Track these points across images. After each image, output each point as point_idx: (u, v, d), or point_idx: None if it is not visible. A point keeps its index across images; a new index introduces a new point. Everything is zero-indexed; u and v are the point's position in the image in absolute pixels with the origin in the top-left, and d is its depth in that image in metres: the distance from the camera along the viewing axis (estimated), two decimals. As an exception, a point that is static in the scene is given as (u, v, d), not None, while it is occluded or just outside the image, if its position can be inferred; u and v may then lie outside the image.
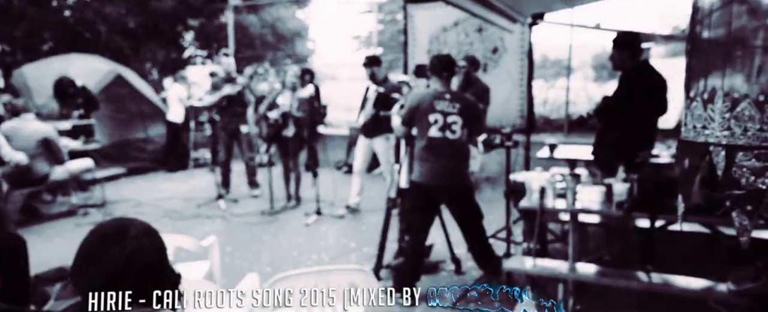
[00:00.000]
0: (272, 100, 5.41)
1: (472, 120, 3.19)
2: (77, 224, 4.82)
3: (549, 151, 4.53)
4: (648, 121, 3.31)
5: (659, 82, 3.28)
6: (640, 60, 3.40)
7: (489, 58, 6.85)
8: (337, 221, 4.98)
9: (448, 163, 3.18)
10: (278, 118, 5.31)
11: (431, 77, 3.24)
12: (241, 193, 6.06)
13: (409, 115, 3.22)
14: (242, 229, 4.76)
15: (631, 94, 3.21)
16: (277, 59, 8.65)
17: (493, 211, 5.24)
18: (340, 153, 7.77)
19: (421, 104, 3.16)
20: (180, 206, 5.57)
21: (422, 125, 3.18)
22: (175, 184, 6.77)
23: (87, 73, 6.68)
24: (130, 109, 7.38)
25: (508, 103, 6.76)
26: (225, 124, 5.86)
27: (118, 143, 7.20)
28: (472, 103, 3.25)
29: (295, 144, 5.44)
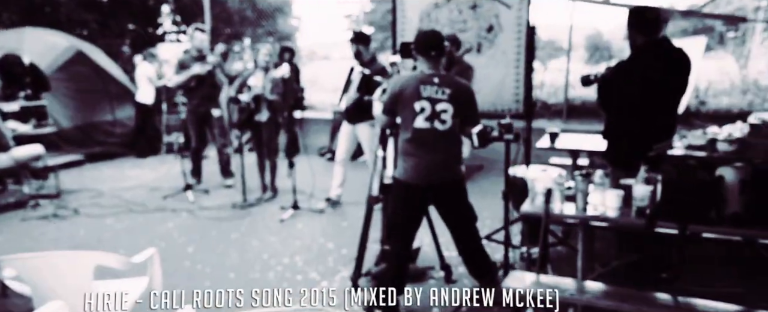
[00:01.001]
0: (243, 81, 4.89)
1: (465, 108, 2.72)
2: (23, 218, 4.32)
3: (550, 141, 4.08)
4: (665, 106, 2.86)
5: (678, 59, 2.83)
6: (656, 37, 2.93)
7: (483, 38, 6.35)
8: (315, 216, 4.52)
9: (437, 157, 2.72)
10: (250, 101, 4.80)
11: (417, 57, 2.75)
12: (213, 183, 5.57)
13: (391, 103, 2.75)
14: (209, 226, 4.29)
15: (643, 75, 2.75)
16: (257, 36, 8.06)
17: (486, 205, 4.82)
18: (323, 138, 7.27)
19: (405, 90, 2.68)
20: (144, 197, 5.07)
21: (406, 114, 2.70)
22: (143, 171, 6.26)
23: (42, 50, 6.11)
24: (96, 89, 6.81)
25: (504, 86, 6.28)
26: (194, 107, 5.34)
27: (81, 126, 6.65)
28: (464, 88, 2.77)
29: (270, 130, 4.94)
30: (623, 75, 2.84)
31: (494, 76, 6.48)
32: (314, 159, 6.93)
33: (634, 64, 2.85)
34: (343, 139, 4.68)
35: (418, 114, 2.68)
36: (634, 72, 2.81)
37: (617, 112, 2.90)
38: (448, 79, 2.73)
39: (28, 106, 5.06)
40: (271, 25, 8.19)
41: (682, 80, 2.85)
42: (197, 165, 5.55)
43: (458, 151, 2.81)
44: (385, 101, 2.80)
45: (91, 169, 6.33)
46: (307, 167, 5.20)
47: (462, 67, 4.85)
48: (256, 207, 4.76)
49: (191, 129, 5.45)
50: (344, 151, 4.68)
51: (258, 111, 4.86)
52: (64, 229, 4.14)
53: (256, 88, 4.79)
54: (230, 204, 4.81)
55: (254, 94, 4.78)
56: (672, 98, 2.88)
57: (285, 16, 8.89)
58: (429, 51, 2.69)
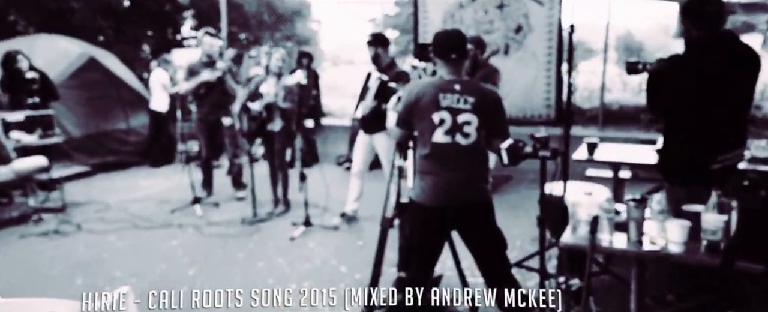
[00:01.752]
0: (254, 88, 4.60)
1: (492, 119, 2.35)
2: (22, 235, 4.09)
3: (588, 152, 3.66)
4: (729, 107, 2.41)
5: (743, 53, 2.39)
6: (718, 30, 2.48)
7: (511, 39, 5.94)
8: (328, 234, 4.19)
9: (459, 176, 2.35)
10: (262, 110, 4.50)
11: (436, 61, 2.39)
12: (225, 195, 5.30)
13: (406, 114, 2.39)
14: (215, 244, 3.99)
15: (700, 70, 2.33)
16: (275, 41, 7.81)
17: (516, 221, 4.41)
18: (341, 146, 6.95)
19: (421, 99, 2.32)
20: (152, 211, 4.82)
21: (423, 127, 2.34)
22: (155, 181, 6.04)
23: (54, 57, 5.96)
24: (109, 97, 6.64)
25: (533, 90, 5.87)
26: (204, 116, 5.08)
27: (94, 135, 6.48)
28: (491, 96, 2.39)
29: (283, 140, 4.63)
30: (677, 69, 2.41)
31: (523, 80, 6.07)
32: (331, 168, 6.62)
33: (690, 58, 2.43)
34: (359, 150, 4.34)
35: (436, 126, 2.31)
36: (689, 67, 2.38)
37: (671, 114, 2.46)
38: (471, 85, 2.36)
39: (34, 116, 4.87)
40: (289, 29, 7.92)
41: (748, 78, 2.41)
42: (207, 176, 5.29)
43: (484, 168, 2.43)
44: (399, 112, 2.44)
45: (102, 179, 6.14)
46: (323, 178, 4.88)
47: (487, 70, 4.46)
48: (266, 222, 4.46)
49: (201, 138, 5.19)
50: (360, 162, 4.34)
51: (270, 120, 4.56)
52: (63, 246, 3.90)
53: (268, 96, 4.49)
54: (240, 219, 4.51)
55: (266, 103, 4.48)
56: (737, 98, 2.44)
57: (304, 20, 8.63)
58: (449, 53, 2.33)
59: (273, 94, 4.47)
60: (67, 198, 5.21)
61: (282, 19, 7.93)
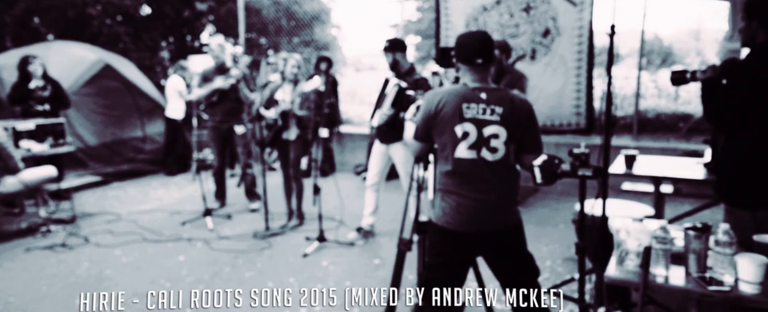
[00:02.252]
0: (270, 95, 4.40)
1: (523, 131, 2.08)
2: (28, 248, 3.95)
3: (625, 165, 3.35)
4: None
5: None
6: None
7: (538, 43, 5.64)
8: (343, 251, 3.94)
9: (486, 196, 2.08)
10: (276, 117, 4.29)
11: (459, 67, 2.14)
12: (239, 206, 5.11)
13: (425, 126, 2.14)
14: (223, 260, 3.78)
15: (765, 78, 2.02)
16: (293, 46, 7.63)
17: (545, 237, 4.10)
18: (360, 155, 6.72)
19: (442, 109, 2.07)
20: (162, 223, 4.65)
21: (445, 140, 2.08)
22: (169, 191, 5.89)
23: (69, 64, 5.87)
24: (125, 104, 6.54)
25: (562, 97, 5.54)
26: (216, 124, 4.90)
27: (110, 143, 6.38)
28: (522, 105, 2.12)
29: (298, 149, 4.41)
30: (741, 76, 2.11)
31: (551, 87, 5.75)
32: (349, 178, 6.39)
33: (754, 64, 2.12)
34: (375, 161, 4.09)
35: (459, 140, 2.05)
36: (755, 73, 2.08)
37: (734, 125, 2.15)
38: (499, 94, 2.09)
39: (44, 124, 4.75)
40: (308, 34, 7.74)
41: None
42: (220, 186, 5.11)
43: (514, 187, 2.16)
44: (418, 123, 2.19)
45: (116, 188, 6.02)
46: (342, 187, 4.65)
47: (514, 77, 4.18)
48: (279, 236, 4.23)
49: (213, 147, 5.01)
50: (376, 174, 4.09)
51: (285, 128, 4.35)
52: (66, 262, 3.74)
53: (283, 103, 4.28)
54: (251, 232, 4.30)
55: (282, 110, 4.27)
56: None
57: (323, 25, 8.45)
58: (474, 58, 2.07)
59: (289, 102, 4.26)
60: (79, 208, 5.10)
61: (301, 24, 7.75)
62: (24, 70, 5.02)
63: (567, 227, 4.36)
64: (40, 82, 5.07)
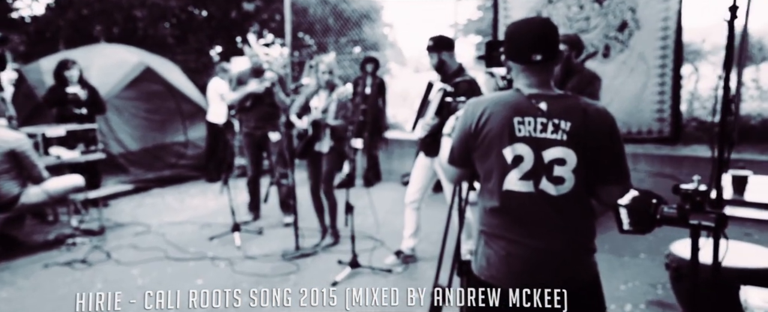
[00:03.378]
0: (305, 102, 3.98)
1: (601, 155, 1.50)
2: (46, 264, 3.72)
3: (734, 188, 2.63)
4: None
5: None
6: None
7: (613, 39, 4.89)
8: (379, 279, 3.45)
9: (549, 245, 1.52)
10: (307, 127, 3.85)
11: (511, 66, 1.58)
12: (273, 219, 4.74)
13: (463, 147, 1.61)
14: (243, 286, 3.38)
15: None
16: (340, 47, 7.23)
17: (622, 272, 3.37)
18: (408, 163, 6.18)
19: (486, 124, 1.53)
20: (190, 237, 4.34)
21: (490, 166, 1.54)
22: (206, 199, 5.62)
23: (110, 66, 5.73)
24: (167, 108, 6.37)
25: (641, 100, 4.77)
26: (250, 130, 4.55)
27: (152, 148, 6.22)
28: (598, 118, 1.53)
29: (331, 162, 3.95)
30: None
31: (628, 88, 4.98)
32: (395, 189, 5.89)
33: None
34: (417, 176, 3.56)
35: (510, 167, 1.50)
36: None
37: None
38: (566, 103, 1.52)
39: (76, 131, 4.57)
40: (357, 33, 7.30)
41: None
42: (254, 197, 4.75)
43: (588, 231, 1.58)
44: (454, 142, 1.65)
45: (154, 195, 5.83)
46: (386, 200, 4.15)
47: (584, 77, 3.52)
48: (309, 258, 3.80)
49: (247, 155, 4.67)
50: (418, 190, 3.56)
51: (317, 139, 3.91)
52: (80, 281, 3.48)
53: (315, 112, 3.83)
54: (281, 252, 3.89)
55: (313, 119, 3.82)
56: None
57: (373, 24, 8.00)
58: (530, 53, 1.51)
59: (321, 110, 3.80)
60: (113, 217, 4.91)
61: (349, 23, 7.33)
62: (60, 74, 4.89)
63: (651, 258, 3.65)
64: (76, 87, 4.92)
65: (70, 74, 4.88)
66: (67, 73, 4.88)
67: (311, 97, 3.95)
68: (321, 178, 3.98)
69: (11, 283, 3.44)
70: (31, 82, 5.49)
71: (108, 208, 5.21)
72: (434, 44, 3.34)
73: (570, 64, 3.66)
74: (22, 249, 4.05)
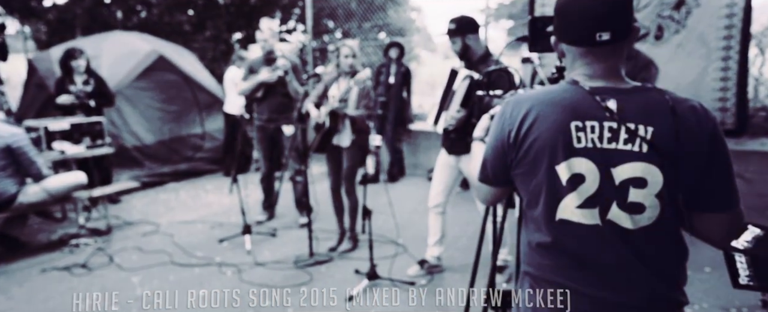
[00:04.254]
0: (324, 90, 3.60)
1: (699, 170, 1.06)
2: (44, 269, 3.48)
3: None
4: None
5: None
6: None
7: (667, 18, 4.33)
8: (400, 292, 3.07)
9: (623, 297, 1.10)
10: (325, 119, 3.48)
11: (563, 50, 1.16)
12: (289, 219, 4.41)
13: (498, 161, 1.21)
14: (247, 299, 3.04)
15: None
16: (364, 32, 6.81)
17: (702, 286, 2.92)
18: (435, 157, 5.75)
19: (530, 131, 1.12)
20: (199, 238, 4.05)
21: (536, 189, 1.14)
22: (221, 195, 5.34)
23: (122, 55, 5.47)
24: (183, 99, 6.10)
25: (700, 87, 4.22)
26: (263, 123, 4.21)
27: (168, 141, 5.97)
28: (692, 119, 1.08)
29: (353, 158, 3.57)
30: None
31: (684, 74, 4.40)
32: (421, 184, 5.48)
33: None
34: (440, 176, 3.15)
35: (565, 190, 1.09)
36: None
37: None
38: (646, 99, 1.09)
39: (80, 124, 4.31)
40: (382, 18, 6.87)
41: None
42: (268, 195, 4.43)
43: (679, 276, 1.15)
44: (486, 153, 1.24)
45: (170, 190, 5.58)
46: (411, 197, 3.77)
47: (638, 62, 3.05)
48: (324, 266, 3.44)
49: (259, 150, 4.34)
50: (441, 192, 3.15)
51: (336, 131, 3.53)
52: (77, 288, 3.22)
53: (333, 101, 3.45)
54: (294, 257, 3.55)
55: (331, 109, 3.45)
56: None
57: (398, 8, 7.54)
58: (593, 32, 1.09)
59: (338, 99, 3.42)
60: (123, 214, 4.68)
61: (373, 7, 6.89)
62: (67, 64, 4.65)
63: (719, 275, 3.15)
64: (81, 77, 4.68)
65: (76, 64, 4.63)
66: (74, 63, 4.63)
67: (331, 85, 3.58)
68: (342, 175, 3.61)
69: (4, 291, 3.20)
70: (41, 72, 5.27)
71: (119, 205, 4.98)
72: (457, 27, 2.90)
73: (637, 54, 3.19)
74: (23, 250, 3.82)
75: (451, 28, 2.88)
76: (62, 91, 4.60)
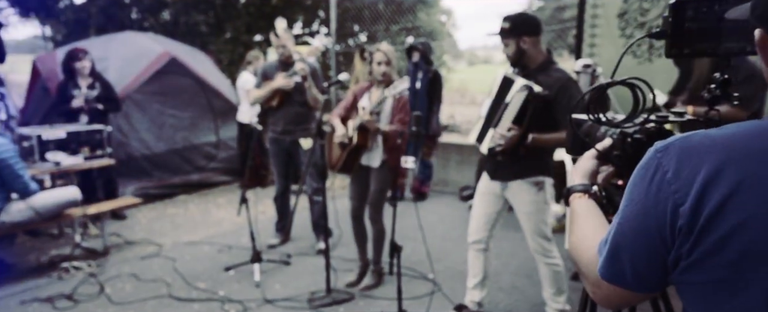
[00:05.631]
0: (352, 100, 3.12)
1: None
2: (23, 300, 3.05)
3: None
4: None
5: None
6: None
7: None
8: (432, 347, 2.54)
9: None
10: (353, 134, 2.99)
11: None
12: (305, 243, 3.93)
13: (646, 252, 0.68)
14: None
15: None
16: (392, 36, 6.33)
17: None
18: (467, 173, 5.22)
19: (729, 211, 0.59)
20: (204, 264, 3.59)
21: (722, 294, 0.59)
22: (234, 210, 4.87)
23: (132, 56, 5.09)
24: (197, 105, 5.70)
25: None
26: (278, 135, 3.75)
27: (180, 149, 5.56)
28: None
29: (382, 181, 3.06)
30: None
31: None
32: (452, 204, 4.95)
33: None
34: (482, 206, 2.61)
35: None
36: None
37: None
38: None
39: (78, 132, 3.91)
40: (410, 20, 6.38)
41: None
42: (282, 215, 3.96)
43: None
44: (621, 232, 0.71)
45: (179, 203, 5.17)
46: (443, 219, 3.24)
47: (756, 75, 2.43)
48: (343, 306, 2.94)
49: (273, 165, 3.87)
50: (483, 226, 2.61)
51: (364, 149, 3.03)
52: (58, 326, 2.77)
53: (362, 113, 2.95)
54: (307, 294, 3.06)
55: (360, 123, 2.95)
56: None
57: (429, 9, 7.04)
58: None
59: (368, 111, 2.92)
60: (124, 232, 4.26)
61: (402, 8, 6.41)
62: (70, 66, 4.27)
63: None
64: (87, 80, 4.30)
65: (80, 66, 4.25)
66: (78, 65, 4.25)
67: (361, 95, 3.08)
68: (367, 200, 3.11)
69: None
70: (45, 74, 4.92)
71: (122, 222, 4.57)
72: (511, 27, 2.37)
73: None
74: (9, 276, 3.41)
75: (504, 28, 2.36)
76: (65, 96, 4.22)
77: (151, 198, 5.17)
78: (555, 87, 2.29)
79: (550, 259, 2.47)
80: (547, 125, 2.29)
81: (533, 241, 2.47)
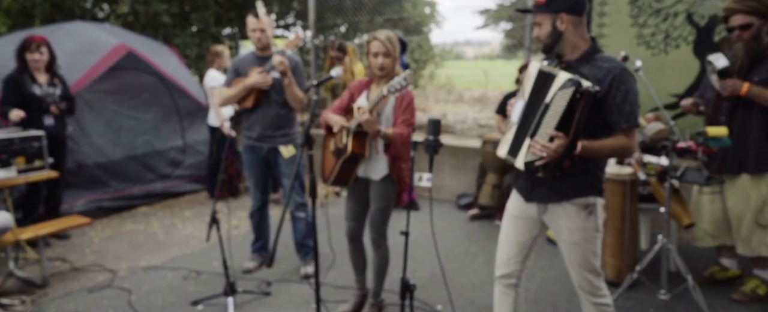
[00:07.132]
0: (348, 99, 2.57)
1: None
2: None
3: None
4: None
5: None
6: None
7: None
8: None
9: None
10: (346, 140, 2.45)
11: None
12: (289, 266, 3.38)
13: None
14: None
15: None
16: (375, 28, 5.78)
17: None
18: (464, 179, 4.72)
19: None
20: (166, 296, 3.01)
21: None
22: (203, 224, 4.29)
23: (81, 50, 4.42)
24: (161, 105, 5.07)
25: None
26: (253, 142, 3.18)
27: (141, 156, 4.92)
28: None
29: (384, 197, 2.53)
30: None
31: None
32: (450, 212, 4.46)
33: None
34: (512, 232, 2.10)
35: None
36: None
37: None
38: None
39: (9, 139, 3.24)
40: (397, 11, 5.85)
41: None
42: (259, 234, 3.40)
43: None
44: None
45: (138, 218, 4.53)
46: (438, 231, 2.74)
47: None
48: (337, 352, 2.41)
49: (249, 178, 3.30)
50: (514, 257, 2.10)
51: (362, 157, 2.49)
52: None
53: (358, 114, 2.41)
54: (293, 335, 2.52)
55: (356, 125, 2.40)
56: None
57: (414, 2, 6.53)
58: None
59: (366, 110, 2.37)
60: (70, 255, 3.63)
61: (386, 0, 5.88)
62: (23, 58, 3.60)
63: None
64: (45, 76, 3.66)
65: (32, 58, 3.59)
66: (30, 57, 3.58)
67: (359, 94, 2.55)
68: (367, 220, 2.58)
69: None
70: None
71: (67, 241, 3.94)
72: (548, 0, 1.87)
73: (760, 45, 2.22)
74: None
75: (538, 1, 1.86)
76: (17, 93, 3.55)
77: (106, 212, 4.53)
78: (606, 80, 1.80)
79: (598, 298, 1.99)
80: (597, 130, 1.81)
81: (579, 276, 1.98)
